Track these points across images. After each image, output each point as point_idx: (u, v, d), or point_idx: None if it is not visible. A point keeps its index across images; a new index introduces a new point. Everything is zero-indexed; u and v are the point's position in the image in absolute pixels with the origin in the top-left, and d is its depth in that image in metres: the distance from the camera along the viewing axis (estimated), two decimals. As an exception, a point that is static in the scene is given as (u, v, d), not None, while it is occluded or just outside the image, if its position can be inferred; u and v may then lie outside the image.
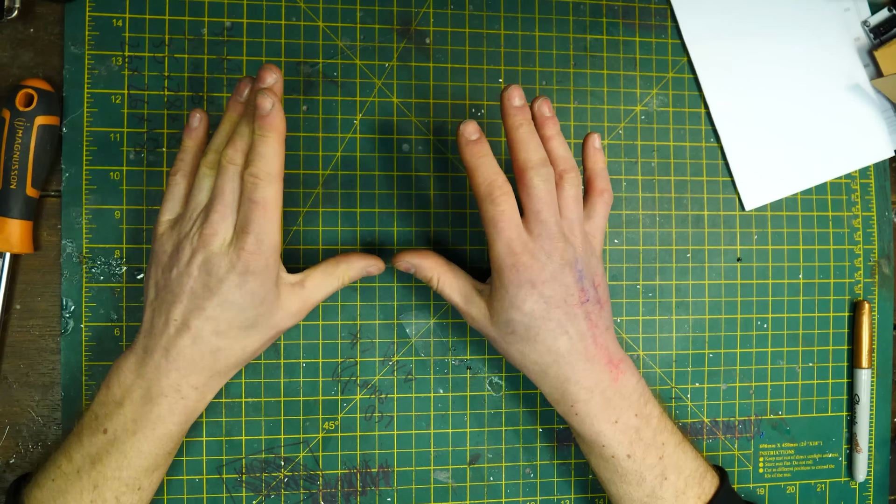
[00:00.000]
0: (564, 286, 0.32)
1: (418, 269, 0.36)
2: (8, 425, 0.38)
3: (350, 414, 0.40)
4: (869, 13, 0.45)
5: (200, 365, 0.31)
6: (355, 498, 0.40)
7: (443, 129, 0.41)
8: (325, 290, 0.35)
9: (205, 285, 0.30)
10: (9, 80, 0.38)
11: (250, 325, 0.32)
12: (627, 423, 0.34)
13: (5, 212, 0.36)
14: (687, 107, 0.43)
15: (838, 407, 0.44)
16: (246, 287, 0.30)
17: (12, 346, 0.38)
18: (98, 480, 0.31)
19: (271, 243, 0.30)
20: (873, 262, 0.45)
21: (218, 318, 0.31)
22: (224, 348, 0.32)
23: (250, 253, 0.30)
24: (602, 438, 0.34)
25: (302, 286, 0.34)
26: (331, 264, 0.35)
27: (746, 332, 0.43)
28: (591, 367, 0.34)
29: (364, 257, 0.36)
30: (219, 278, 0.30)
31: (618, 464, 0.34)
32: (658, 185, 0.43)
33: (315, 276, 0.34)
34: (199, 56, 0.39)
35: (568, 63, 0.42)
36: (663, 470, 0.35)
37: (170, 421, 0.32)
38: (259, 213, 0.30)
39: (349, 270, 0.35)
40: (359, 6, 0.40)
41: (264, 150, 0.30)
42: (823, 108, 0.45)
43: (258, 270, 0.30)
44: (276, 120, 0.30)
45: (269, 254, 0.30)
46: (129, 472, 0.31)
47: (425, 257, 0.36)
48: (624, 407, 0.34)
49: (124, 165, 0.38)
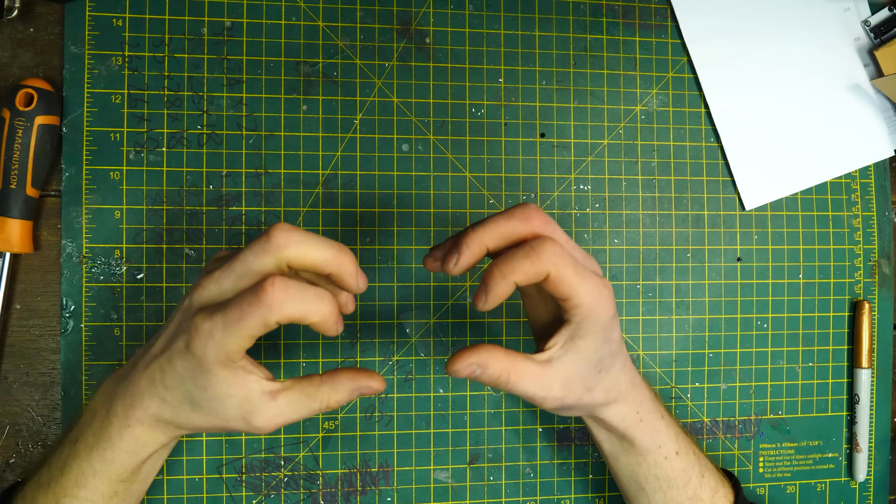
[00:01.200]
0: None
1: (485, 369, 0.29)
2: (8, 425, 0.38)
3: (350, 414, 0.40)
4: (869, 13, 0.45)
5: (147, 403, 0.29)
6: (355, 498, 0.40)
7: (443, 129, 0.41)
8: (302, 411, 0.29)
9: (173, 331, 0.29)
10: (9, 80, 0.38)
11: (193, 401, 0.28)
12: (668, 419, 0.35)
13: (5, 212, 0.36)
14: (687, 107, 0.43)
15: (838, 407, 0.44)
16: (188, 360, 0.27)
17: (12, 346, 0.38)
18: (60, 495, 0.30)
19: (229, 352, 0.26)
20: (873, 262, 0.45)
21: (166, 373, 0.28)
22: (168, 402, 0.29)
23: (198, 334, 0.26)
24: (659, 437, 0.34)
25: (273, 398, 0.28)
26: (313, 383, 0.29)
27: (746, 332, 0.43)
28: (633, 366, 0.34)
29: (354, 376, 0.29)
30: (180, 331, 0.28)
31: (670, 465, 0.34)
32: (658, 185, 0.43)
33: (291, 393, 0.29)
34: (199, 56, 0.39)
35: (568, 63, 0.42)
36: (701, 468, 0.35)
37: (119, 447, 0.29)
38: (235, 315, 0.26)
39: (335, 393, 0.29)
40: (359, 6, 0.40)
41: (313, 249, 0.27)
42: (823, 108, 0.45)
43: (199, 355, 0.26)
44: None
45: (216, 352, 0.26)
46: (86, 492, 0.30)
47: (489, 354, 0.29)
48: (658, 401, 0.35)
49: (124, 165, 0.38)
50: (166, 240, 0.39)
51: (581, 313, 0.29)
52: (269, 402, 0.28)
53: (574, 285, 0.28)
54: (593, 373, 0.30)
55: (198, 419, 0.29)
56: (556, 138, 0.42)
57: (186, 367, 0.27)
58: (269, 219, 0.39)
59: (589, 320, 0.29)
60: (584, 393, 0.30)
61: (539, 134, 0.42)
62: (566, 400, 0.30)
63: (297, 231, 0.27)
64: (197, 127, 0.39)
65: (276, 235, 0.27)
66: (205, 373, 0.27)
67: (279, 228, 0.27)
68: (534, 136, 0.42)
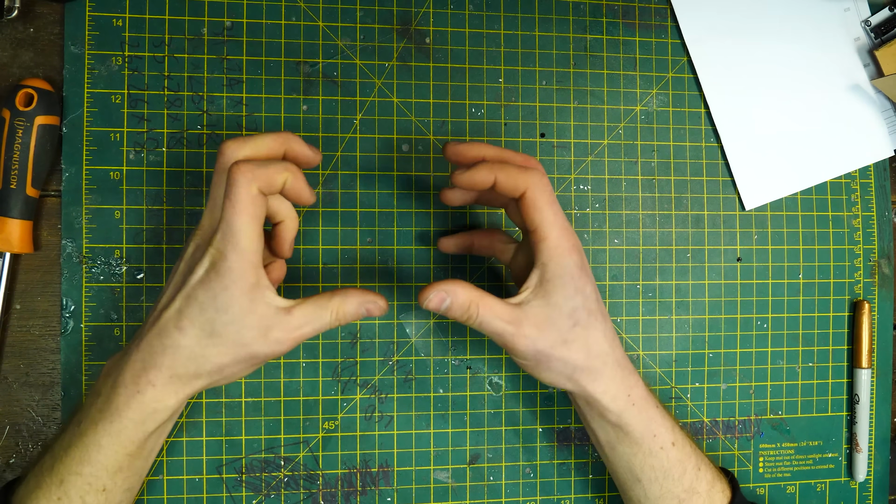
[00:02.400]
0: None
1: (455, 299, 0.31)
2: (8, 425, 0.38)
3: (350, 414, 0.40)
4: (869, 13, 0.45)
5: (160, 360, 0.30)
6: (355, 498, 0.40)
7: (443, 129, 0.41)
8: (316, 323, 0.31)
9: (182, 275, 0.31)
10: (9, 80, 0.38)
11: (211, 330, 0.29)
12: (663, 410, 0.35)
13: (5, 212, 0.36)
14: (687, 107, 0.43)
15: (838, 407, 0.44)
16: (209, 284, 0.29)
17: (12, 346, 0.38)
18: (64, 475, 0.30)
19: (242, 245, 0.29)
20: (873, 262, 0.45)
21: (182, 312, 0.29)
22: (184, 347, 0.30)
23: (217, 249, 0.29)
24: (654, 425, 0.34)
25: (289, 313, 0.30)
26: (324, 297, 0.31)
27: (746, 332, 0.43)
28: (623, 350, 0.35)
29: (363, 293, 0.32)
30: (191, 270, 0.30)
31: (665, 455, 0.34)
32: (658, 185, 0.43)
33: (305, 306, 0.31)
34: (199, 56, 0.39)
35: (568, 63, 0.42)
36: (698, 461, 0.35)
37: (126, 416, 0.30)
38: (228, 210, 0.29)
39: (344, 304, 0.31)
40: (359, 6, 0.40)
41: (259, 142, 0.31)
42: (823, 108, 0.45)
43: (222, 271, 0.29)
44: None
45: (238, 256, 0.29)
46: (90, 468, 0.30)
47: (457, 284, 0.31)
48: (652, 395, 0.35)
49: (124, 165, 0.38)
50: (166, 240, 0.39)
51: (547, 250, 0.31)
52: (285, 316, 0.30)
53: (545, 215, 0.31)
54: (568, 324, 0.31)
55: (217, 354, 0.30)
56: (556, 138, 0.42)
57: (207, 292, 0.29)
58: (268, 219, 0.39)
59: (554, 261, 0.31)
60: (559, 344, 0.31)
61: (539, 134, 0.42)
62: (538, 343, 0.31)
63: (241, 138, 0.31)
64: (197, 127, 0.39)
65: (225, 152, 0.30)
66: (225, 290, 0.29)
67: (225, 144, 0.31)
68: (534, 136, 0.42)
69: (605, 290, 0.42)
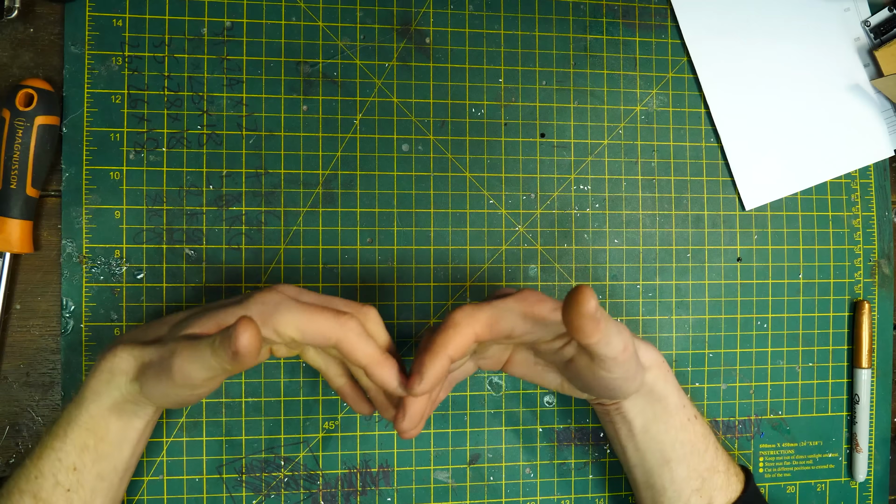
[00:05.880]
0: None
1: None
2: (8, 425, 0.38)
3: (350, 414, 0.40)
4: (869, 13, 0.45)
5: (133, 333, 0.32)
6: (355, 498, 0.40)
7: (443, 130, 0.41)
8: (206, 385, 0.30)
9: (178, 324, 0.32)
10: (9, 80, 0.38)
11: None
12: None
13: (5, 212, 0.36)
14: (687, 107, 0.43)
15: (838, 407, 0.44)
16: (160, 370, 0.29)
17: (12, 346, 0.38)
18: (41, 451, 0.31)
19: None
20: (873, 262, 0.45)
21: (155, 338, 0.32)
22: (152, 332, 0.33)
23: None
24: (682, 396, 0.36)
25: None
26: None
27: (746, 332, 0.43)
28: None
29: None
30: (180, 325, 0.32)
31: (693, 428, 0.35)
32: (658, 185, 0.43)
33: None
34: (199, 56, 0.39)
35: (568, 63, 0.42)
36: (715, 440, 0.36)
37: (88, 388, 0.31)
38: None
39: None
40: (359, 6, 0.40)
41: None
42: (823, 108, 0.45)
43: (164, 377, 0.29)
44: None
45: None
46: (62, 443, 0.30)
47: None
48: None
49: (124, 165, 0.38)
50: (166, 240, 0.39)
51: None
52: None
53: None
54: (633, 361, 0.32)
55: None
56: (556, 138, 0.42)
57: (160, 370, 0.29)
58: (268, 219, 0.39)
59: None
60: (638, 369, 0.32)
61: (539, 134, 0.42)
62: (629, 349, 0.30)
63: (299, 299, 0.31)
64: (197, 127, 0.39)
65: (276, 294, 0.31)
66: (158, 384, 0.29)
67: (283, 289, 0.32)
68: (534, 136, 0.42)
69: (605, 290, 0.42)
